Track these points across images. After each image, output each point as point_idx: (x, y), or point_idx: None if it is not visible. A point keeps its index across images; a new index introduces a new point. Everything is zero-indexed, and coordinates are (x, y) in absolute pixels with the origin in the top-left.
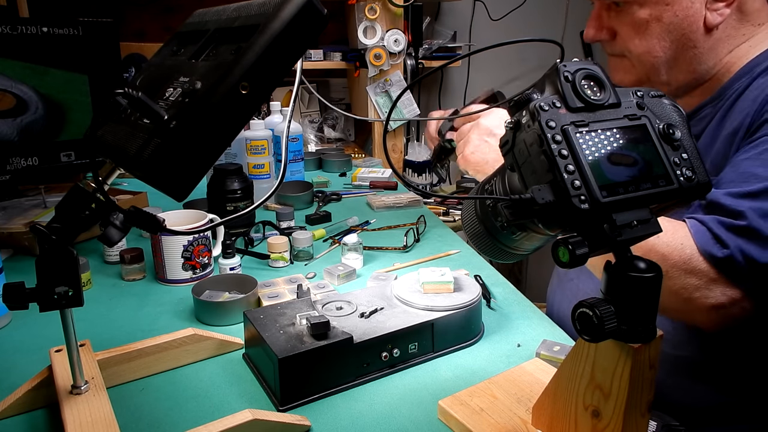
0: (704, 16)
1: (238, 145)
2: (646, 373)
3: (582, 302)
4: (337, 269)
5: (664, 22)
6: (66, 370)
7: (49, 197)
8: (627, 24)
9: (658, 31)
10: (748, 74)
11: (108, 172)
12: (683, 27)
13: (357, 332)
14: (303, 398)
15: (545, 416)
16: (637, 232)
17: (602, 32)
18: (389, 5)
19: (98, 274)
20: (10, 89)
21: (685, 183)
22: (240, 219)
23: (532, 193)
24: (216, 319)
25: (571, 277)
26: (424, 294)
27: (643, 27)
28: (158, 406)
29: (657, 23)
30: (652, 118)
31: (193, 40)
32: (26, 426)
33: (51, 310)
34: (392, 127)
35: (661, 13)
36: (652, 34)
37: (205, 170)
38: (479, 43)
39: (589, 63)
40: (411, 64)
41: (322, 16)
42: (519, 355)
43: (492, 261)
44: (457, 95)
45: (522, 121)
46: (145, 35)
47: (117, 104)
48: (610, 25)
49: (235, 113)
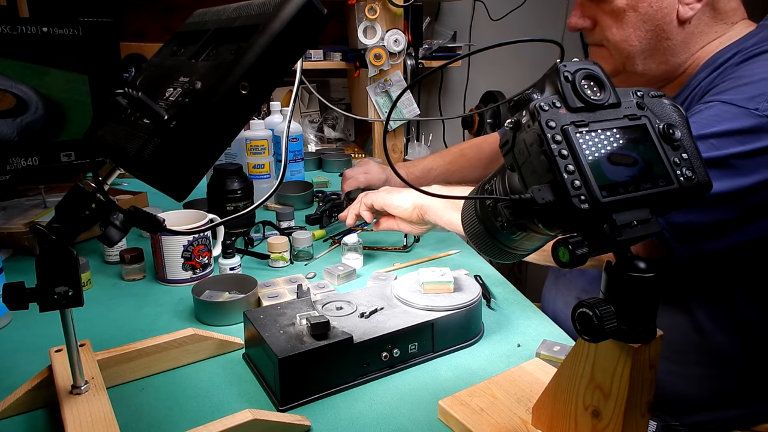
0: (677, 9)
1: (238, 145)
2: (646, 373)
3: (582, 302)
4: (337, 269)
5: (640, 12)
6: (66, 370)
7: (49, 197)
8: (606, 13)
9: (634, 20)
10: (709, 68)
11: (108, 172)
12: (657, 18)
13: (357, 332)
14: (303, 398)
15: (545, 416)
16: (637, 232)
17: (584, 20)
18: (389, 5)
19: (98, 274)
20: (10, 89)
21: (685, 183)
22: (240, 219)
23: (532, 193)
24: (216, 319)
25: (564, 273)
26: (424, 294)
27: (620, 16)
28: (158, 406)
29: (633, 13)
30: (652, 118)
31: (193, 40)
32: (26, 426)
33: (51, 310)
34: (392, 127)
35: (638, 3)
36: (628, 23)
37: (205, 170)
38: (479, 43)
39: (589, 63)
40: (411, 64)
41: (322, 16)
42: (519, 355)
43: (492, 261)
44: (457, 95)
45: (522, 121)
46: (145, 35)
47: (117, 104)
48: (591, 13)
49: (235, 113)
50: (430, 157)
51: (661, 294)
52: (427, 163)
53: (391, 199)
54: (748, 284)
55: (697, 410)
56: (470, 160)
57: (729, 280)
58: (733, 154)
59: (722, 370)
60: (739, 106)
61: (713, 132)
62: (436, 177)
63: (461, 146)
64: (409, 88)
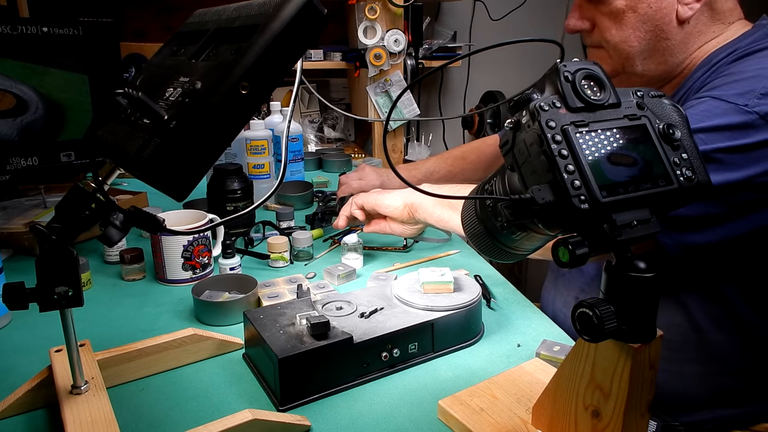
0: (676, 9)
1: (238, 145)
2: (646, 373)
3: (582, 302)
4: (337, 269)
5: (639, 13)
6: (66, 370)
7: (49, 197)
8: (605, 14)
9: (634, 21)
10: (705, 67)
11: (108, 172)
12: (657, 18)
13: (357, 332)
14: (303, 398)
15: (545, 416)
16: (637, 232)
17: (582, 22)
18: (389, 5)
19: (98, 274)
20: (10, 89)
21: (685, 183)
22: (240, 219)
23: (532, 193)
24: (216, 319)
25: (563, 273)
26: (424, 294)
27: (619, 17)
28: (158, 406)
29: (632, 13)
30: (652, 118)
31: (193, 40)
32: (26, 426)
33: (51, 310)
34: (392, 127)
35: (637, 3)
36: (627, 24)
37: (205, 170)
38: (479, 43)
39: (589, 63)
40: (411, 64)
41: (322, 16)
42: (519, 355)
43: (492, 261)
44: (457, 95)
45: (522, 121)
46: (145, 35)
47: (117, 104)
48: (590, 15)
49: (235, 113)
50: (432, 159)
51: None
52: (430, 165)
53: (381, 200)
54: (745, 282)
55: (696, 409)
56: (471, 162)
57: (724, 277)
58: (721, 148)
59: (720, 369)
60: (729, 102)
61: (702, 127)
62: (438, 180)
63: (462, 149)
64: (409, 88)
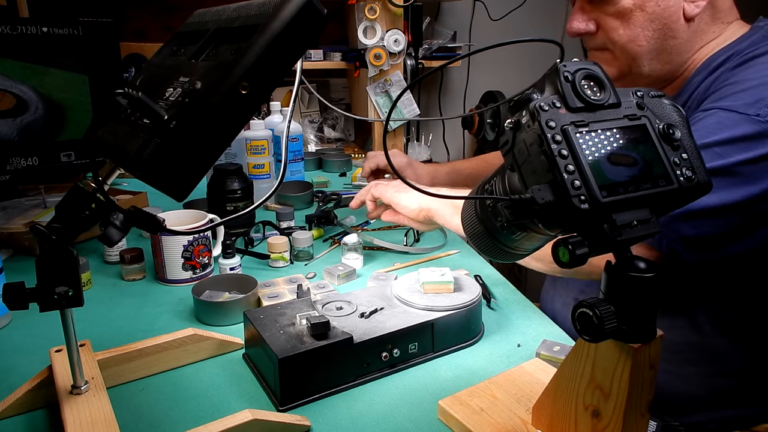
0: (683, 7)
1: (238, 145)
2: (646, 373)
3: (582, 302)
4: (337, 269)
5: (648, 12)
6: (66, 370)
7: (49, 197)
8: (610, 15)
9: (642, 20)
10: (705, 70)
11: (108, 172)
12: (665, 17)
13: (357, 332)
14: (303, 398)
15: (545, 416)
16: (637, 232)
17: (587, 24)
18: (389, 5)
19: (98, 274)
20: (10, 89)
21: (685, 183)
22: (240, 219)
23: (532, 193)
24: (216, 319)
25: None
26: (424, 294)
27: (627, 16)
28: (158, 406)
29: (641, 12)
30: (652, 118)
31: (193, 40)
32: (26, 426)
33: (51, 310)
34: (392, 127)
35: (645, 2)
36: (636, 23)
37: (205, 170)
38: (479, 43)
39: (589, 63)
40: (411, 64)
41: (322, 16)
42: (519, 355)
43: (492, 261)
44: (457, 95)
45: (522, 121)
46: (145, 35)
47: (117, 104)
48: (594, 17)
49: (235, 113)
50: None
51: (661, 294)
52: (457, 164)
53: (398, 198)
54: (748, 285)
55: (696, 410)
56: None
57: (732, 283)
58: (740, 161)
59: (720, 370)
60: (740, 112)
61: (716, 140)
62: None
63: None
64: (409, 88)
